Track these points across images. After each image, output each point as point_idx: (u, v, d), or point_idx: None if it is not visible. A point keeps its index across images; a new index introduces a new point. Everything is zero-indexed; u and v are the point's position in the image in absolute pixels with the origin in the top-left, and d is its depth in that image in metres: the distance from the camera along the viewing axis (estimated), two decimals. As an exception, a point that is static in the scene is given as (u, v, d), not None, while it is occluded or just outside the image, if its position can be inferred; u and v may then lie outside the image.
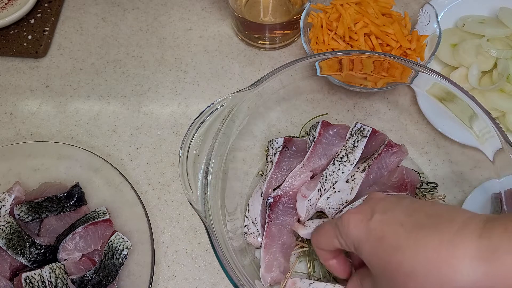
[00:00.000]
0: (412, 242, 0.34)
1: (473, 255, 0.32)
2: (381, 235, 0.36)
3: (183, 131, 0.63)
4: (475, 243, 0.32)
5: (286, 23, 0.66)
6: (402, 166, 0.56)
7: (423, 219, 0.36)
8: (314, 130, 0.56)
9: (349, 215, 0.40)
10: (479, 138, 0.48)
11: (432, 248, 0.33)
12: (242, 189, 0.57)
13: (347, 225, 0.39)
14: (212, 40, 0.70)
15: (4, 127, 0.64)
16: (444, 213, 0.36)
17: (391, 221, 0.37)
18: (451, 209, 0.37)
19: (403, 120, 0.62)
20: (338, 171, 0.53)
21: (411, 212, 0.37)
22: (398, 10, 0.64)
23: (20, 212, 0.54)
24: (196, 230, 0.57)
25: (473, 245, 0.32)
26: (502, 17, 0.65)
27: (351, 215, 0.40)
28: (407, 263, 0.34)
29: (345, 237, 0.40)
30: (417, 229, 0.35)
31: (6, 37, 0.70)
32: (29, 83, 0.68)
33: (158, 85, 0.67)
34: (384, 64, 0.53)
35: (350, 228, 0.39)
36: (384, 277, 0.36)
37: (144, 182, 0.60)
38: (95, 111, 0.65)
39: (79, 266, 0.52)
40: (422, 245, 0.34)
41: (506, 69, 0.60)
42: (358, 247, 0.39)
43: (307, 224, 0.51)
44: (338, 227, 0.40)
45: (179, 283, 0.54)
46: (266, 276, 0.50)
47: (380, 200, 0.40)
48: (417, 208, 0.37)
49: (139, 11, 0.74)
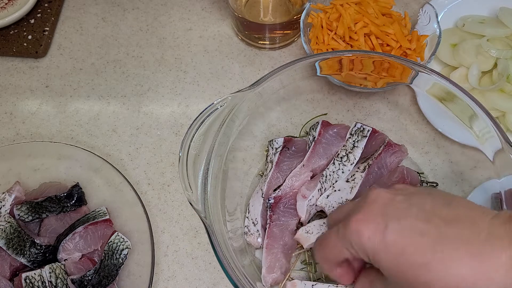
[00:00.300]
0: (440, 258, 0.32)
1: (508, 265, 0.31)
2: (402, 249, 0.34)
3: (183, 131, 0.63)
4: (507, 251, 0.31)
5: (286, 23, 0.66)
6: (402, 166, 0.56)
7: (444, 227, 0.34)
8: (314, 130, 0.56)
9: (358, 224, 0.37)
10: (479, 138, 0.48)
11: (464, 263, 0.32)
12: (242, 189, 0.57)
13: (359, 236, 0.36)
14: (212, 40, 0.70)
15: (4, 127, 0.64)
16: (462, 216, 0.34)
17: (410, 231, 0.34)
18: (468, 208, 0.35)
19: (403, 120, 0.62)
20: (338, 171, 0.53)
21: (427, 217, 0.35)
22: (398, 10, 0.64)
23: (20, 212, 0.54)
24: (196, 230, 0.57)
25: (506, 254, 0.31)
26: (502, 17, 0.65)
27: (360, 225, 0.37)
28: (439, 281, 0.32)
29: (357, 249, 0.37)
30: (441, 242, 0.33)
31: (6, 37, 0.70)
32: (29, 83, 0.68)
33: (158, 85, 0.67)
34: (384, 64, 0.53)
35: (363, 240, 0.36)
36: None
37: (144, 182, 0.60)
38: (95, 111, 0.65)
39: (79, 266, 0.52)
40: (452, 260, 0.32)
41: (506, 69, 0.60)
42: (374, 258, 0.36)
43: (309, 231, 0.51)
44: (347, 237, 0.38)
45: (179, 283, 0.54)
46: (267, 277, 0.49)
47: (388, 204, 0.37)
48: (431, 211, 0.35)
49: (139, 11, 0.74)
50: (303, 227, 0.52)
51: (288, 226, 0.52)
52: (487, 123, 0.46)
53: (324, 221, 0.51)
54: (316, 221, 0.52)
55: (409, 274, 0.34)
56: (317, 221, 0.52)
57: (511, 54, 0.61)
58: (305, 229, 0.51)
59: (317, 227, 0.51)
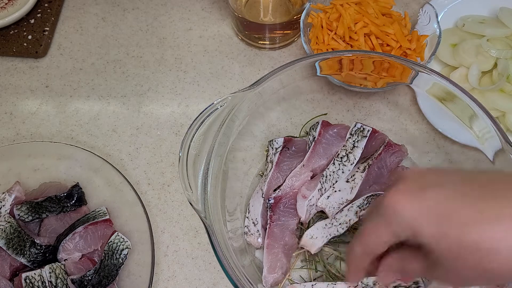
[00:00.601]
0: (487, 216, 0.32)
1: None
2: (446, 211, 0.33)
3: (183, 131, 0.63)
4: None
5: (286, 23, 0.66)
6: (402, 166, 0.56)
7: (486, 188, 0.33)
8: (314, 130, 0.56)
9: (394, 197, 0.35)
10: (479, 138, 0.48)
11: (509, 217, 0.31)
12: (242, 189, 0.57)
13: (396, 208, 0.34)
14: (212, 40, 0.70)
15: (4, 127, 0.64)
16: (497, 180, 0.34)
17: (451, 193, 0.33)
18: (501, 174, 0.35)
19: (403, 120, 0.62)
20: (338, 171, 0.53)
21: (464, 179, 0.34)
22: (398, 10, 0.64)
23: (20, 212, 0.54)
24: (196, 230, 0.57)
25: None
26: (502, 17, 0.65)
27: (396, 197, 0.35)
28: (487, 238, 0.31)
29: (397, 224, 0.35)
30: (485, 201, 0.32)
31: (6, 37, 0.70)
32: (29, 83, 0.68)
33: (158, 85, 0.67)
34: (384, 64, 0.53)
35: (400, 210, 0.34)
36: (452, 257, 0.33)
37: (144, 182, 0.60)
38: (95, 111, 0.65)
39: (79, 266, 0.52)
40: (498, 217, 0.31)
41: (506, 69, 0.60)
42: (416, 230, 0.34)
43: (313, 235, 0.50)
44: (384, 216, 0.35)
45: (179, 283, 0.54)
46: (268, 277, 0.49)
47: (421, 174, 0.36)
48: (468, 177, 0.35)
49: (139, 11, 0.74)
50: (307, 231, 0.51)
51: (288, 226, 0.52)
52: (487, 123, 0.46)
53: (326, 222, 0.51)
54: (318, 223, 0.52)
55: (453, 236, 0.32)
56: (320, 223, 0.52)
57: (511, 54, 0.61)
58: (309, 233, 0.51)
59: (320, 231, 0.51)
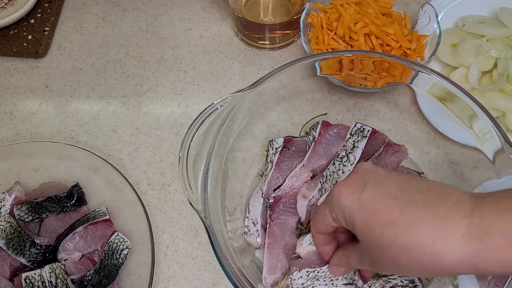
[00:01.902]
0: (406, 217, 0.35)
1: (465, 230, 0.32)
2: (374, 208, 0.36)
3: (183, 131, 0.63)
4: (468, 219, 0.33)
5: (286, 23, 0.66)
6: (402, 166, 0.56)
7: (416, 194, 0.36)
8: (314, 130, 0.56)
9: (339, 187, 0.39)
10: (479, 138, 0.48)
11: (428, 222, 0.34)
12: (242, 189, 0.57)
13: (338, 197, 0.39)
14: (212, 40, 0.70)
15: (4, 127, 0.64)
16: (436, 189, 0.36)
17: (384, 194, 0.37)
18: (443, 185, 0.37)
19: (403, 120, 0.62)
20: (338, 171, 0.53)
21: (403, 186, 0.37)
22: (398, 10, 0.64)
23: (20, 212, 0.54)
24: (196, 230, 0.57)
25: (466, 221, 0.33)
26: (502, 17, 0.65)
27: (341, 187, 0.39)
28: (401, 236, 0.34)
29: (336, 210, 0.39)
30: (411, 205, 0.35)
31: (6, 37, 0.70)
32: (29, 83, 0.68)
33: (158, 85, 0.67)
34: (384, 64, 0.52)
35: (341, 200, 0.38)
36: (375, 249, 0.37)
37: (144, 182, 0.60)
38: (95, 111, 0.65)
39: (79, 266, 0.52)
40: (417, 219, 0.34)
41: (506, 69, 0.60)
42: (349, 219, 0.38)
43: (312, 242, 0.50)
44: (330, 202, 0.40)
45: (179, 283, 0.54)
46: (268, 277, 0.49)
47: (370, 172, 0.39)
48: (408, 182, 0.37)
49: (139, 11, 0.74)
50: (305, 237, 0.50)
51: (288, 224, 0.52)
52: (487, 123, 0.46)
53: None
54: None
55: (376, 231, 0.36)
56: None
57: (511, 54, 0.61)
58: (308, 239, 0.49)
59: None
